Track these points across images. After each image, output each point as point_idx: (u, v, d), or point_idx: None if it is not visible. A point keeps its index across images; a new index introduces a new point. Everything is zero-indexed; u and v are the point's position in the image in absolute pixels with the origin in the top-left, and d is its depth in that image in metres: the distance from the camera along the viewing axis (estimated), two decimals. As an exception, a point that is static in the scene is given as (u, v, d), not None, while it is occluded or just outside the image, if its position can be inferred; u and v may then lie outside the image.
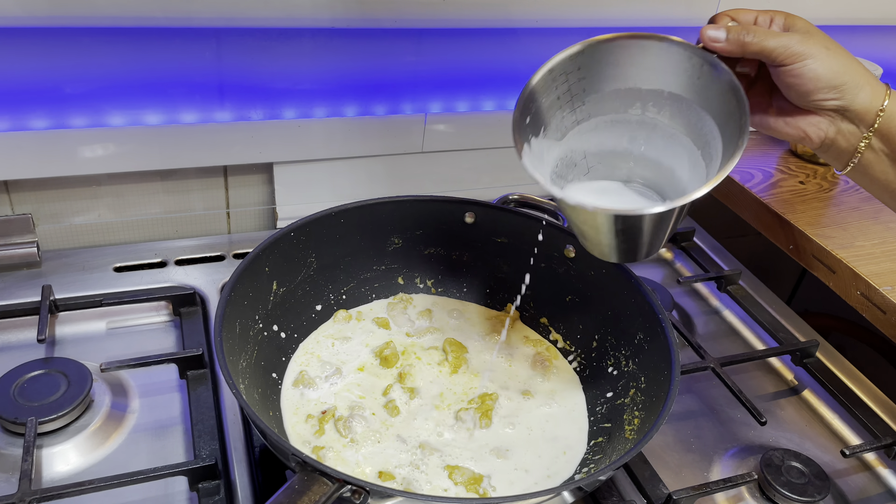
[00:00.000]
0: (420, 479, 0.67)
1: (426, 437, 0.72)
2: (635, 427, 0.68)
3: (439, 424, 0.74)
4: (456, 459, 0.70)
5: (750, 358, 0.89)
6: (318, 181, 1.02)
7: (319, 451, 0.69)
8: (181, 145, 0.92)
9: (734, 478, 0.74)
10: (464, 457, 0.71)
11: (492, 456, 0.71)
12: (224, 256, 0.99)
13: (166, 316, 0.90)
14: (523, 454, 0.72)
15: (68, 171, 0.89)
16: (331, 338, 0.83)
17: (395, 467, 0.68)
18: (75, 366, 0.78)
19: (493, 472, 0.69)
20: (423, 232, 0.87)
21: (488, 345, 0.84)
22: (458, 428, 0.73)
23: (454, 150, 1.07)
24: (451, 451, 0.71)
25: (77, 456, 0.72)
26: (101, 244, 0.98)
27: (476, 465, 0.70)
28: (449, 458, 0.70)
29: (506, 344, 0.85)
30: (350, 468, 0.68)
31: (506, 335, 0.85)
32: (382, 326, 0.85)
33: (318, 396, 0.76)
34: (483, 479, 0.67)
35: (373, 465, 0.69)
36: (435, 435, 0.73)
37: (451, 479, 0.67)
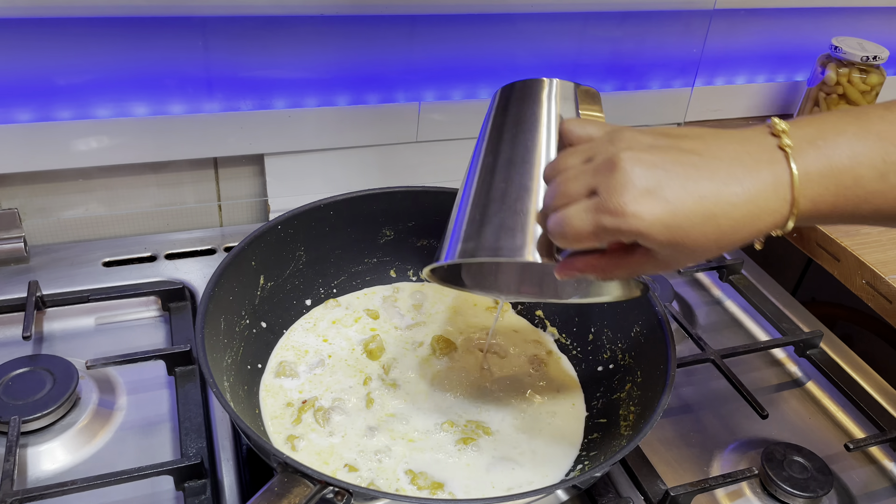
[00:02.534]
0: (381, 477, 0.65)
1: (399, 435, 0.70)
2: (631, 423, 0.66)
3: (416, 424, 0.72)
4: (422, 463, 0.68)
5: (752, 349, 0.87)
6: (310, 172, 1.00)
7: (294, 440, 0.67)
8: (170, 137, 0.91)
9: (734, 473, 0.72)
10: (431, 457, 0.68)
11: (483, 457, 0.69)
12: (215, 250, 0.97)
13: (156, 311, 0.88)
14: (513, 451, 0.69)
15: (56, 164, 0.88)
16: (316, 327, 0.81)
17: (362, 461, 0.67)
18: (61, 363, 0.76)
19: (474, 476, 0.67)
20: (416, 223, 0.85)
21: (478, 339, 0.82)
22: (433, 433, 0.71)
23: (449, 139, 1.05)
24: (419, 454, 0.68)
25: (64, 454, 0.71)
26: (89, 238, 0.97)
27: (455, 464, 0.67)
28: (414, 460, 0.68)
29: (499, 338, 0.83)
30: (322, 459, 0.66)
31: (495, 329, 0.83)
32: (371, 317, 0.83)
33: (298, 385, 0.74)
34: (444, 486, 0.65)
35: (343, 458, 0.67)
36: (410, 432, 0.71)
37: (414, 483, 0.65)
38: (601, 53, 1.08)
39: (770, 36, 1.20)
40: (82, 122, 0.86)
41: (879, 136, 0.46)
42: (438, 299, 0.87)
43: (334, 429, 0.69)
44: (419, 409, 0.73)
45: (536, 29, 1.02)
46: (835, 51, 1.13)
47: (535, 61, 1.05)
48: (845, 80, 1.13)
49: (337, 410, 0.70)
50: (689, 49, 1.12)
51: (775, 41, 1.21)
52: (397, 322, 0.83)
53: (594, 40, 1.07)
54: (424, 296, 0.87)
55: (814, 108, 1.18)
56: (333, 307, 0.83)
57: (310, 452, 0.67)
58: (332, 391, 0.74)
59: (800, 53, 1.24)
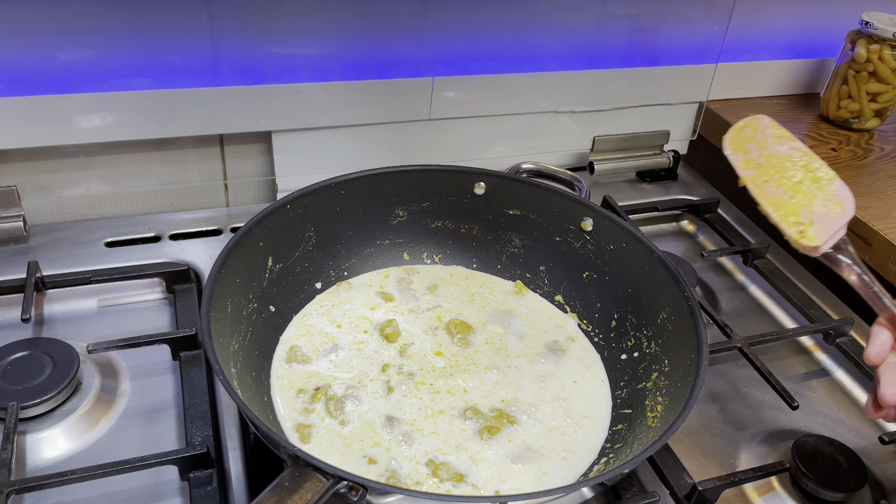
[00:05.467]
0: (401, 469, 0.62)
1: (419, 424, 0.67)
2: (658, 414, 0.63)
3: (435, 413, 0.68)
4: (445, 454, 0.64)
5: (780, 337, 0.84)
6: (320, 151, 0.97)
7: (304, 430, 0.64)
8: (175, 113, 0.87)
9: (764, 466, 0.69)
10: (453, 448, 0.65)
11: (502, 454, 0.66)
12: (221, 230, 0.94)
13: (160, 293, 0.85)
14: (537, 441, 0.66)
15: (57, 140, 0.85)
16: (328, 311, 0.78)
17: (380, 453, 0.64)
18: (62, 346, 0.74)
19: (497, 467, 0.64)
20: (430, 204, 0.82)
21: (497, 324, 0.79)
22: (455, 421, 0.68)
23: (464, 116, 1.02)
24: (440, 444, 0.65)
25: (64, 442, 0.69)
26: (92, 218, 0.94)
27: (474, 460, 0.64)
28: (435, 451, 0.65)
29: (520, 322, 0.79)
30: (336, 451, 0.63)
31: (516, 313, 0.79)
32: (385, 300, 0.79)
33: (311, 371, 0.71)
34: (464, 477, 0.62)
35: (361, 449, 0.64)
36: (431, 421, 0.67)
37: (436, 475, 0.62)
38: (621, 30, 1.04)
39: (797, 11, 1.15)
40: (84, 97, 0.83)
41: None
42: (454, 282, 0.84)
43: (348, 418, 0.66)
44: (440, 396, 0.70)
45: (554, 3, 0.98)
46: (865, 26, 1.08)
47: (553, 38, 1.01)
48: (876, 57, 1.09)
49: (351, 399, 0.67)
50: (713, 25, 1.08)
51: (802, 17, 1.16)
52: (412, 305, 0.80)
53: (614, 17, 1.03)
54: (440, 278, 0.84)
55: (842, 86, 1.13)
56: (346, 290, 0.80)
57: (323, 443, 0.64)
58: (347, 378, 0.70)
59: (828, 30, 1.19)
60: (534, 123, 1.06)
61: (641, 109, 1.11)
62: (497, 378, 0.72)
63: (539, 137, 1.08)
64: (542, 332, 0.78)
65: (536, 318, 0.80)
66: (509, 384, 0.72)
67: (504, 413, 0.68)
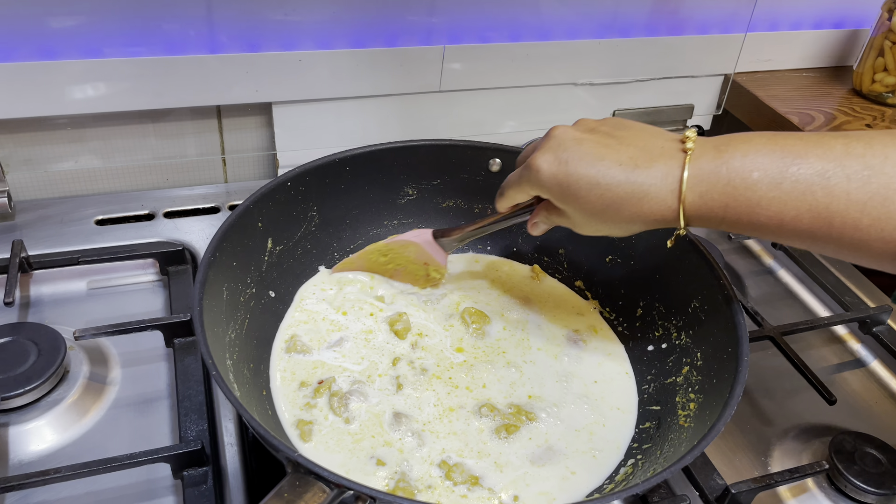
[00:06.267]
0: (412, 471, 0.57)
1: (431, 423, 0.62)
2: (691, 413, 0.58)
3: (448, 410, 0.63)
4: (461, 454, 0.60)
5: (814, 326, 0.78)
6: (323, 124, 0.93)
7: (305, 427, 0.60)
8: (170, 82, 0.83)
9: (802, 468, 0.64)
10: (468, 448, 0.61)
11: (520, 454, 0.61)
12: (219, 208, 0.90)
13: (153, 275, 0.81)
14: (559, 441, 0.61)
15: (45, 110, 0.81)
16: (331, 295, 0.72)
17: (389, 454, 0.59)
18: (47, 332, 0.69)
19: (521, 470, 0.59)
20: (441, 182, 0.78)
21: (514, 312, 0.74)
22: (470, 419, 0.63)
23: (475, 88, 0.97)
24: (456, 445, 0.61)
25: (50, 434, 0.65)
26: (81, 194, 0.90)
27: (495, 455, 0.60)
28: (448, 451, 0.60)
29: (539, 310, 0.74)
30: (342, 449, 0.59)
31: (532, 297, 0.74)
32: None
33: (314, 362, 0.66)
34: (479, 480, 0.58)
35: (368, 449, 0.59)
36: (444, 418, 0.63)
37: (449, 478, 0.57)
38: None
39: (830, -22, 1.08)
40: (75, 64, 0.79)
41: (784, 148, 0.48)
42: (467, 266, 0.79)
43: (353, 415, 0.61)
44: (456, 392, 0.65)
45: (575, -36, 0.92)
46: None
47: (572, 5, 0.95)
48: (915, 28, 1.02)
49: (357, 395, 0.62)
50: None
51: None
52: (424, 292, 0.74)
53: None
54: (452, 263, 0.78)
55: (877, 58, 1.07)
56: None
57: (328, 441, 0.59)
58: (355, 371, 0.65)
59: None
60: (550, 96, 1.01)
61: (664, 82, 1.05)
62: (515, 373, 0.67)
63: (555, 111, 1.02)
64: (562, 321, 0.73)
65: (555, 306, 0.75)
66: (528, 379, 0.67)
67: (522, 409, 0.63)
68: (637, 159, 0.51)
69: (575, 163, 0.52)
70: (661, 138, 0.53)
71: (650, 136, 0.53)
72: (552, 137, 0.54)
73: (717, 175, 0.49)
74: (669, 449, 0.56)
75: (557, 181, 0.53)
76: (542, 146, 0.55)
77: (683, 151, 0.50)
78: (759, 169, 0.48)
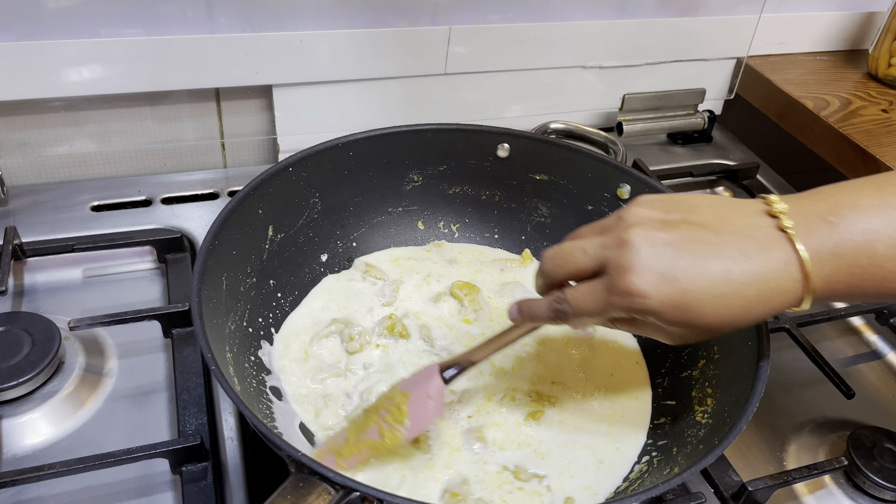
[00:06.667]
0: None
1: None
2: (709, 409, 0.56)
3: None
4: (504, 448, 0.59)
5: (831, 317, 0.76)
6: (325, 107, 0.90)
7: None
8: (168, 64, 0.81)
9: (820, 464, 0.62)
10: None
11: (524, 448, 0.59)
12: (218, 194, 0.88)
13: (150, 263, 0.79)
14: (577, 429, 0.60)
15: (39, 92, 0.79)
16: (338, 293, 0.71)
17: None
18: (41, 322, 0.67)
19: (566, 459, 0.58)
20: (448, 168, 0.75)
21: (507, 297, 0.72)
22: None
23: (481, 71, 0.94)
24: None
25: (45, 427, 0.63)
26: (76, 179, 0.88)
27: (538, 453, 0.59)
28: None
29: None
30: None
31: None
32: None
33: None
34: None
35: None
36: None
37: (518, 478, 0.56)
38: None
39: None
40: (70, 44, 0.77)
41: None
42: (464, 260, 0.77)
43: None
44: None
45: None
46: (924, -25, 0.99)
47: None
48: (934, 10, 0.99)
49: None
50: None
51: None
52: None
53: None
54: (460, 252, 0.76)
55: (893, 41, 1.04)
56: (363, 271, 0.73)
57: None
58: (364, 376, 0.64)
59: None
60: (558, 79, 0.98)
61: (675, 65, 1.03)
62: (525, 363, 0.65)
63: (563, 95, 1.00)
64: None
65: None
66: (542, 369, 0.65)
67: (543, 394, 0.62)
68: (746, 251, 0.44)
69: (687, 277, 0.44)
70: (742, 213, 0.46)
71: (729, 214, 0.46)
72: (634, 247, 0.45)
73: (839, 256, 0.44)
74: (686, 446, 0.54)
75: (673, 304, 0.44)
76: (627, 262, 0.45)
77: (782, 230, 0.45)
78: (881, 240, 0.43)
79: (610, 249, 0.46)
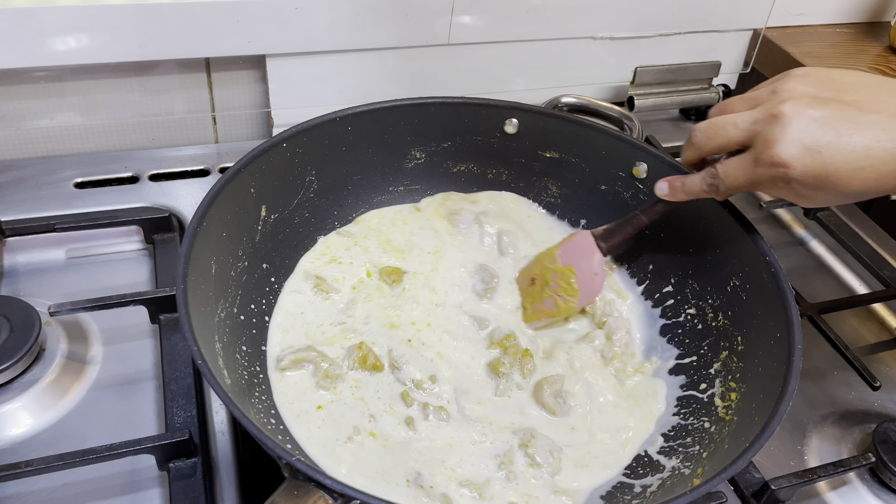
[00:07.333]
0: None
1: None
2: (733, 404, 0.52)
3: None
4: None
5: (855, 303, 0.73)
6: (322, 79, 0.87)
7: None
8: (156, 31, 0.78)
9: (846, 461, 0.59)
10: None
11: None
12: (209, 171, 0.85)
13: (137, 243, 0.77)
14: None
15: (20, 61, 0.76)
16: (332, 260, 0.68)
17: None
18: (20, 306, 0.64)
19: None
20: (452, 144, 0.72)
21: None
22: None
23: (487, 42, 0.90)
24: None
25: (26, 417, 0.61)
26: (59, 154, 0.85)
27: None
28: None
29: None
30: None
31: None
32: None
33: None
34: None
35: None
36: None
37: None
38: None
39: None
40: (52, 10, 0.74)
41: None
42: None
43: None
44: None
45: None
46: (952, -58, 0.94)
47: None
48: (962, -21, 0.94)
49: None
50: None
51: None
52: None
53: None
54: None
55: (918, 13, 0.99)
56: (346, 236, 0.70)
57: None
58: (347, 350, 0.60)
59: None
60: (566, 51, 0.94)
61: (689, 37, 0.99)
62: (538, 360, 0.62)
63: (571, 68, 0.96)
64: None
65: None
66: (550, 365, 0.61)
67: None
68: (890, 129, 0.47)
69: (831, 151, 0.47)
70: (893, 95, 0.48)
71: (881, 94, 0.49)
72: (785, 122, 0.48)
73: None
74: (712, 446, 0.50)
75: (813, 175, 0.48)
76: (775, 135, 0.48)
77: None
78: None
79: (760, 124, 0.50)
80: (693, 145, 0.55)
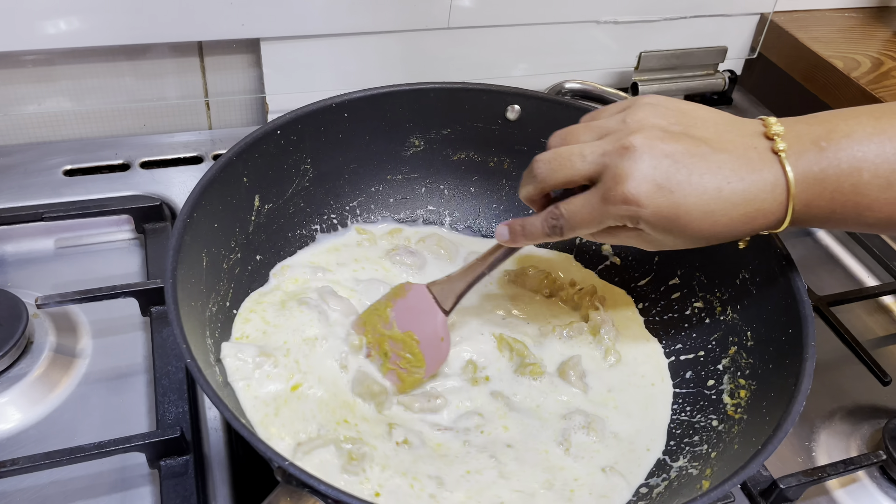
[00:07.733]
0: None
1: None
2: (742, 402, 0.51)
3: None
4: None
5: (864, 296, 0.71)
6: (317, 64, 0.85)
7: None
8: (148, 14, 0.76)
9: (856, 459, 0.57)
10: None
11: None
12: (202, 158, 0.84)
13: (128, 233, 0.75)
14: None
15: (9, 45, 0.75)
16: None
17: None
18: (7, 298, 0.63)
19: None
20: (452, 131, 0.70)
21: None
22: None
23: (487, 25, 0.88)
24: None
25: (13, 412, 0.59)
26: (48, 140, 0.84)
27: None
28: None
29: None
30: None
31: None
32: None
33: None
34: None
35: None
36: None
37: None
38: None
39: None
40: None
41: (893, 139, 0.44)
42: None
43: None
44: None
45: None
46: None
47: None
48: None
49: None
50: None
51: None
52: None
53: None
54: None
55: (929, -3, 0.97)
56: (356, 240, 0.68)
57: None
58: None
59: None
60: (569, 35, 0.92)
61: (694, 21, 0.96)
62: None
63: (574, 52, 0.94)
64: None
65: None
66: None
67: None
68: (739, 171, 0.45)
69: (682, 191, 0.44)
70: (741, 133, 0.47)
71: (729, 132, 0.47)
72: (636, 156, 0.45)
73: (822, 181, 0.44)
74: (720, 445, 0.49)
75: (664, 216, 0.45)
76: (626, 170, 0.45)
77: (774, 153, 0.45)
78: (867, 168, 0.44)
79: (610, 156, 0.46)
80: (535, 178, 0.50)
